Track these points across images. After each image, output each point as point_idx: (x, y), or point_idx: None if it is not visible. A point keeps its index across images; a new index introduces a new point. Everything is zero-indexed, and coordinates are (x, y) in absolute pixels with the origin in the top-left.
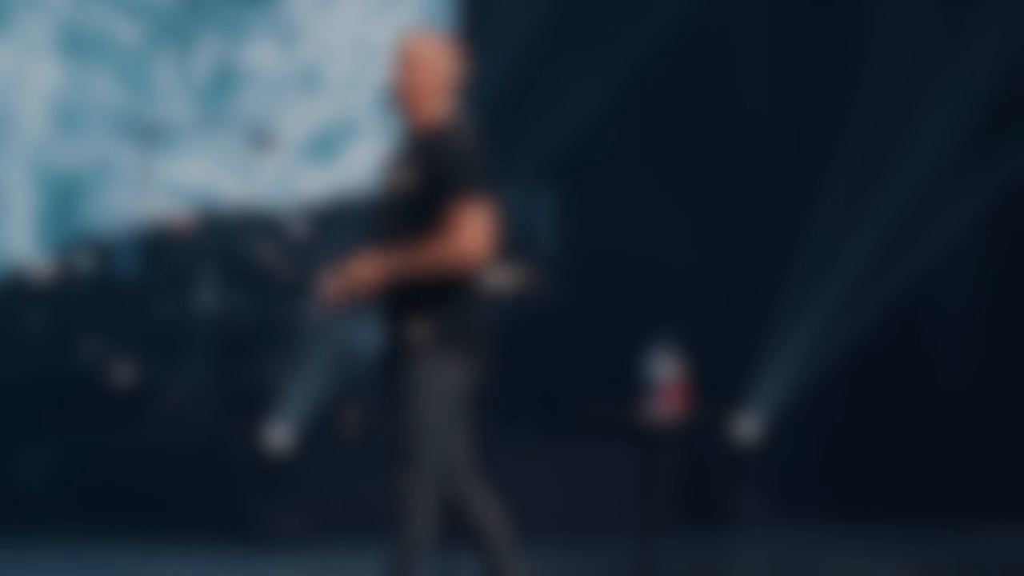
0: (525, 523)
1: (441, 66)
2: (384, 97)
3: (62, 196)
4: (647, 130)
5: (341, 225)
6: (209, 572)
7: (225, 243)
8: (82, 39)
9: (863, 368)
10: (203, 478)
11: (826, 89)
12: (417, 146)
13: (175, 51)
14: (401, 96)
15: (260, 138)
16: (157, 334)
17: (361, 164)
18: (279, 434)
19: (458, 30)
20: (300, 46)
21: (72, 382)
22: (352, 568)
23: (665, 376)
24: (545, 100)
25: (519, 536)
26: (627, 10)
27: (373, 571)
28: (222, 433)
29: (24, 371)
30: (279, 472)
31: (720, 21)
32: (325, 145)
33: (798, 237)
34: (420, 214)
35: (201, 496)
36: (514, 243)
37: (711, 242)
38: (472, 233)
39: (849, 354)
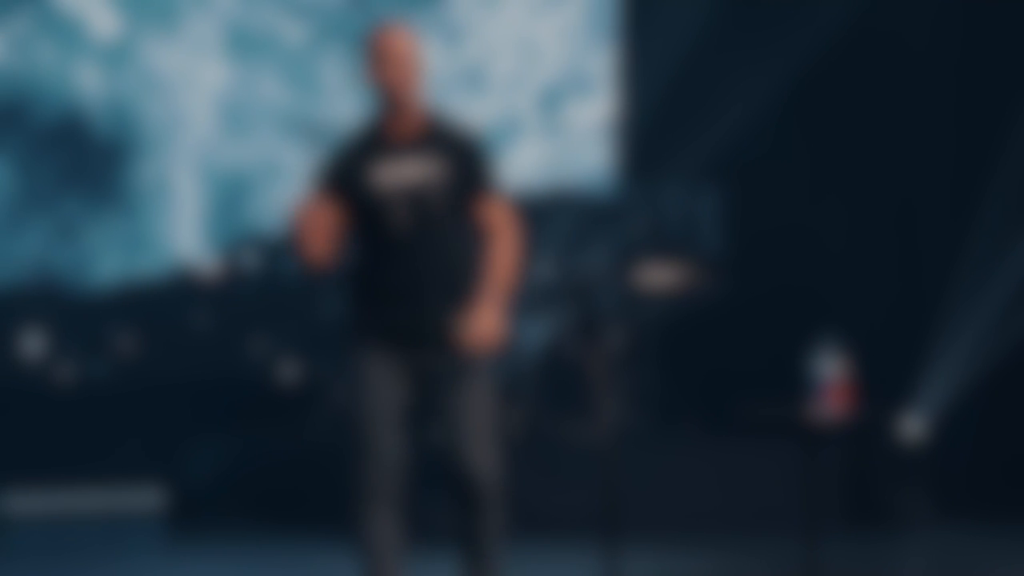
0: (688, 521)
1: (422, 58)
2: (379, 93)
3: (229, 195)
4: (810, 128)
5: None
6: None
7: None
8: (249, 39)
9: None
10: None
11: (993, 84)
12: (420, 141)
13: (341, 50)
14: (396, 90)
15: None
16: (322, 333)
17: (525, 163)
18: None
19: (622, 29)
20: (464, 45)
21: (239, 381)
22: (515, 566)
23: (830, 375)
24: (708, 98)
25: (683, 534)
26: (791, 9)
27: (537, 568)
28: None
29: (192, 370)
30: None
31: (884, 22)
32: (489, 144)
33: (965, 234)
34: (453, 208)
35: None
36: (677, 241)
37: (875, 240)
38: (517, 231)
39: (1017, 351)
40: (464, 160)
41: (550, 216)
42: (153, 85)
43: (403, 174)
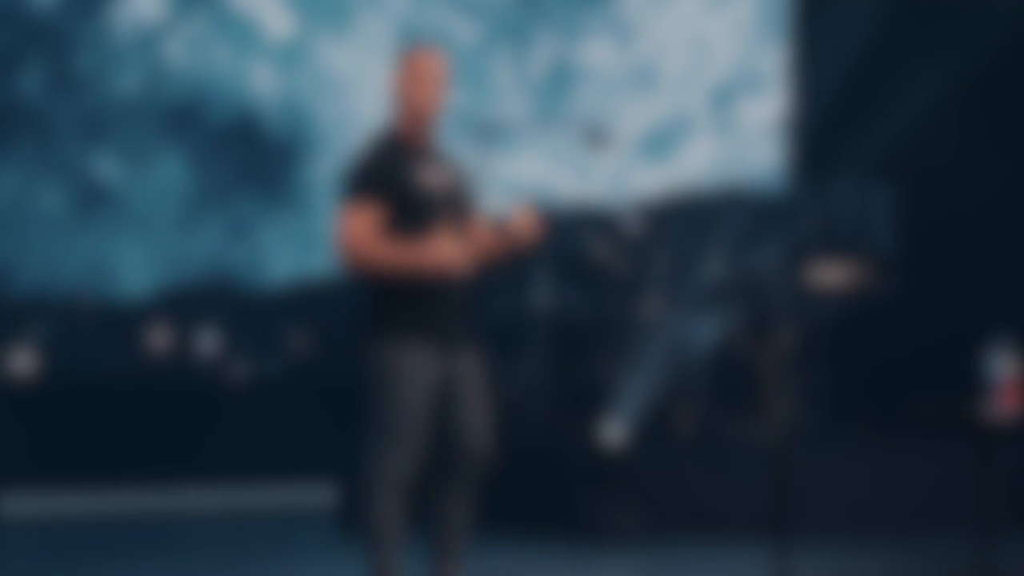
0: (859, 521)
1: (449, 80)
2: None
3: None
4: (982, 125)
5: (676, 223)
6: (546, 567)
7: (561, 240)
8: (420, 38)
9: None
10: (539, 474)
11: None
12: (434, 152)
13: (512, 49)
14: (426, 107)
15: (596, 136)
16: (493, 331)
17: (696, 162)
18: (614, 431)
19: (794, 26)
20: (635, 44)
21: None
22: (687, 564)
23: (1005, 373)
24: (880, 95)
25: (854, 534)
26: (964, 6)
27: (708, 567)
28: (558, 429)
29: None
30: (614, 469)
31: None
32: (660, 143)
33: None
34: (464, 213)
35: (537, 492)
36: (848, 239)
37: None
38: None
39: None
40: (467, 177)
41: (721, 214)
42: (326, 85)
43: (440, 177)
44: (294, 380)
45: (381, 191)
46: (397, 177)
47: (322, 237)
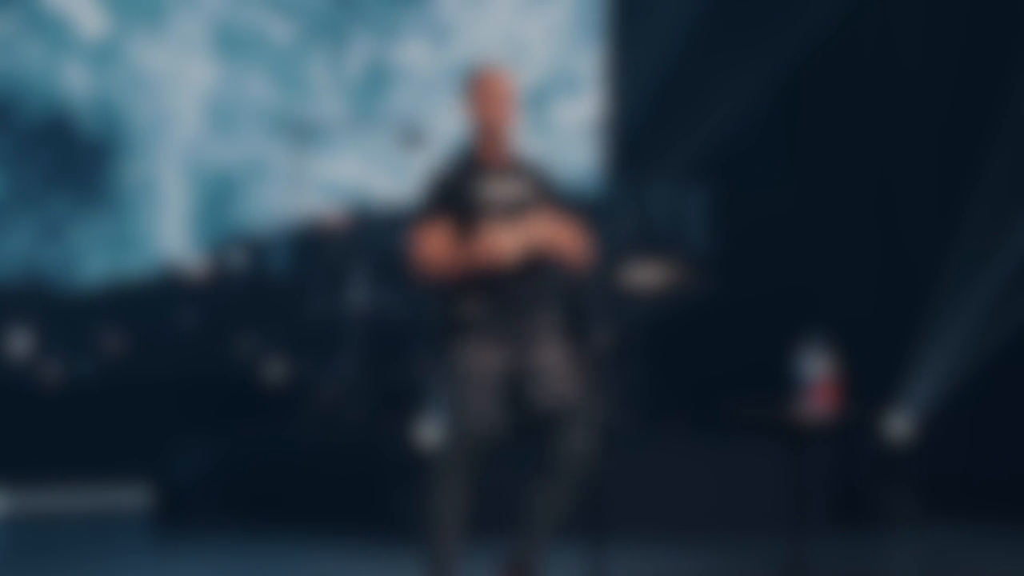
0: (674, 521)
1: (519, 97)
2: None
3: (215, 194)
4: (797, 127)
5: None
6: (359, 565)
7: (377, 241)
8: (235, 38)
9: (1018, 364)
10: (354, 475)
11: (979, 79)
12: (510, 165)
13: (327, 50)
14: (498, 124)
15: (411, 136)
16: (309, 332)
17: None
18: (429, 431)
19: (610, 28)
20: (451, 44)
21: (225, 380)
22: (499, 564)
23: (816, 373)
24: (695, 97)
25: (669, 534)
26: (779, 9)
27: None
28: (373, 431)
29: (178, 369)
30: (429, 468)
31: (870, 20)
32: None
33: (952, 229)
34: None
35: (352, 493)
36: (664, 240)
37: (862, 237)
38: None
39: (1004, 350)
40: (544, 183)
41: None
42: (140, 84)
43: (505, 189)
44: (107, 381)
45: (446, 205)
46: (462, 191)
47: (137, 237)
